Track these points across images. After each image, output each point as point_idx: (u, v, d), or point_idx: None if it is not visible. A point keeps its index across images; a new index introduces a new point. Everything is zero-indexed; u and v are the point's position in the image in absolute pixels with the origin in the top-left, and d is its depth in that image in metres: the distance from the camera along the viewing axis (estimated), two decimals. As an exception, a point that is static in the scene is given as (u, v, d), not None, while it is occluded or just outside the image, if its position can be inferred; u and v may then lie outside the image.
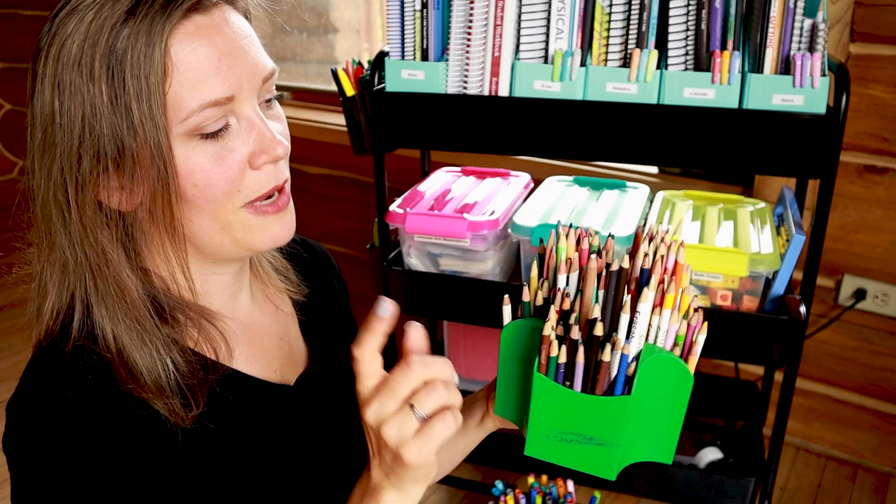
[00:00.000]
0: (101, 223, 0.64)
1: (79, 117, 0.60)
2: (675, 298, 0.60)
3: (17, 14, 3.19)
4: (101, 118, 0.59)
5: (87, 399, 0.63)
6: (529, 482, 1.25)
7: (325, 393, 0.83)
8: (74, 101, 0.59)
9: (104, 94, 0.59)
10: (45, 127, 0.61)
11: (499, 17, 1.17)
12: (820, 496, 1.64)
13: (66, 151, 0.61)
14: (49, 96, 0.60)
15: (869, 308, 1.61)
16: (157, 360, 0.65)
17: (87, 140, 0.60)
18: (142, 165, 0.61)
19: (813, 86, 1.05)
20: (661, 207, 1.35)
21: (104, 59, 0.58)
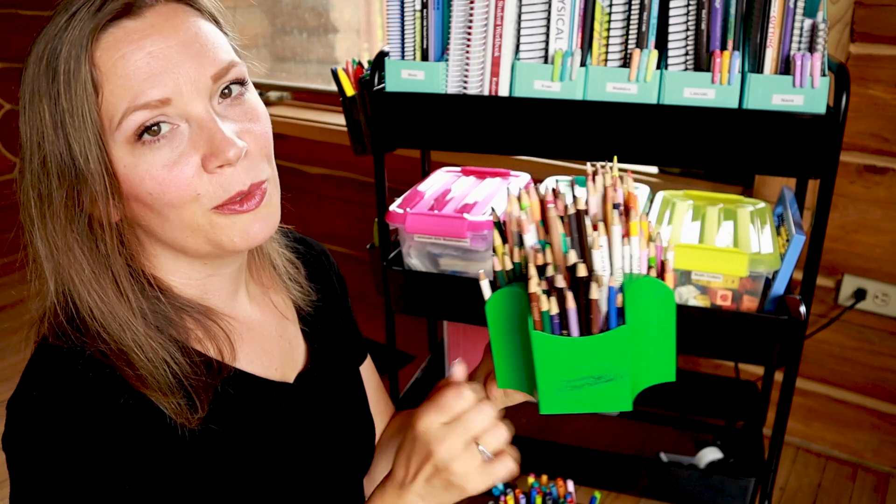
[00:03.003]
0: (94, 234, 0.65)
1: (35, 142, 0.61)
2: (637, 225, 0.62)
3: (17, 14, 3.18)
4: (46, 140, 0.60)
5: (89, 399, 0.63)
6: (529, 482, 1.25)
7: (324, 391, 0.83)
8: (30, 125, 0.61)
9: (46, 114, 0.60)
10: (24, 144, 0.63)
11: (499, 17, 1.17)
12: (820, 496, 1.64)
13: (37, 173, 0.62)
14: (20, 121, 0.62)
15: (869, 308, 1.61)
16: (163, 362, 0.65)
17: (46, 162, 0.61)
18: (94, 181, 0.61)
19: (813, 86, 1.05)
20: (661, 207, 1.35)
21: (46, 76, 0.60)
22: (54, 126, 0.60)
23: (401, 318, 1.49)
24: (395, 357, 1.67)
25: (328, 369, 0.85)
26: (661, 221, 1.29)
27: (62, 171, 0.61)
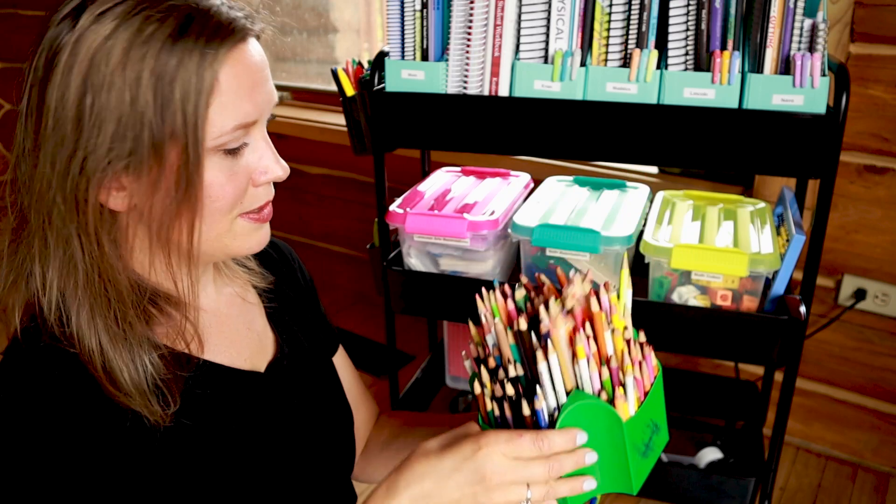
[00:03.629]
0: (101, 220, 0.65)
1: (114, 118, 0.61)
2: (583, 348, 0.64)
3: (17, 14, 3.19)
4: (142, 123, 0.61)
5: (59, 401, 0.63)
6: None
7: (296, 380, 0.84)
8: (110, 102, 0.61)
9: (150, 101, 0.61)
10: (64, 121, 0.61)
11: (499, 17, 1.17)
12: (820, 496, 1.64)
13: (90, 147, 0.61)
14: (76, 93, 0.61)
15: (869, 308, 1.61)
16: (135, 359, 0.66)
17: (118, 140, 0.61)
18: (168, 172, 0.63)
19: (813, 86, 1.05)
20: (661, 207, 1.35)
21: (152, 69, 0.60)
22: (157, 113, 0.61)
23: (401, 318, 1.49)
24: (395, 357, 1.67)
25: (299, 359, 0.85)
26: (661, 221, 1.29)
27: (134, 153, 0.62)
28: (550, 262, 1.26)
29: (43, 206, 0.64)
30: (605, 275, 1.24)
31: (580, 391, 0.65)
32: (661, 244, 1.18)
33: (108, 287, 0.65)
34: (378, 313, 2.36)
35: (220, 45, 0.62)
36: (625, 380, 0.66)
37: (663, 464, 1.38)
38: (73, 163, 0.62)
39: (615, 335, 0.67)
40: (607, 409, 0.65)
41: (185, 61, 0.61)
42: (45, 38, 0.62)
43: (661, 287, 1.21)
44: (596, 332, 0.66)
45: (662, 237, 1.22)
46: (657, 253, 1.17)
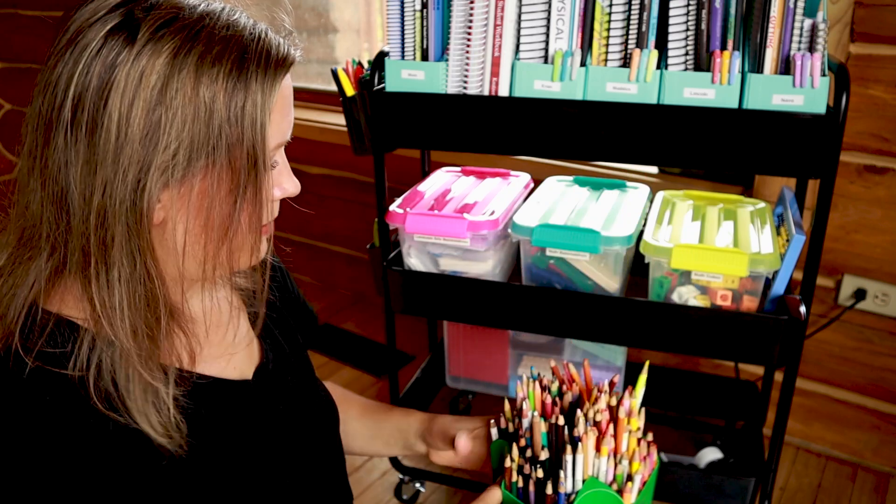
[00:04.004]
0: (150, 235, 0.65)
1: (179, 143, 0.62)
2: (608, 449, 0.77)
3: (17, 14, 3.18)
4: (207, 147, 0.63)
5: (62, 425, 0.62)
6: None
7: (280, 382, 0.83)
8: (177, 128, 0.61)
9: (216, 127, 0.63)
10: (129, 144, 0.61)
11: (499, 17, 1.17)
12: (820, 496, 1.64)
13: (152, 168, 0.62)
14: (141, 119, 0.61)
15: (869, 308, 1.61)
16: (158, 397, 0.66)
17: (180, 162, 0.62)
18: (224, 191, 0.65)
19: (813, 86, 1.05)
20: (661, 207, 1.35)
21: (221, 100, 0.63)
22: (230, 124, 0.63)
23: (401, 318, 1.49)
24: (395, 357, 1.67)
25: (282, 362, 0.85)
26: (660, 221, 1.29)
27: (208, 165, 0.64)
28: (550, 262, 1.26)
29: (99, 216, 0.62)
30: (606, 275, 1.24)
31: (595, 479, 0.77)
32: (661, 244, 1.18)
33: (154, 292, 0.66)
34: (378, 313, 2.36)
35: (277, 68, 0.66)
36: (633, 476, 0.78)
37: (663, 464, 1.38)
38: (140, 171, 0.62)
39: (630, 436, 0.79)
40: (617, 499, 0.76)
41: (252, 81, 0.64)
42: (93, 49, 0.61)
43: (661, 287, 1.21)
44: (617, 434, 0.78)
45: (662, 237, 1.22)
46: (657, 253, 1.17)
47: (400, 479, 1.65)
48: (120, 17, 0.62)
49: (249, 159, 0.65)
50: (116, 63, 0.60)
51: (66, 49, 0.62)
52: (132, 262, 0.64)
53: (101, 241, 0.63)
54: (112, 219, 0.62)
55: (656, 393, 1.69)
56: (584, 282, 1.25)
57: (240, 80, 0.63)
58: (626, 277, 1.31)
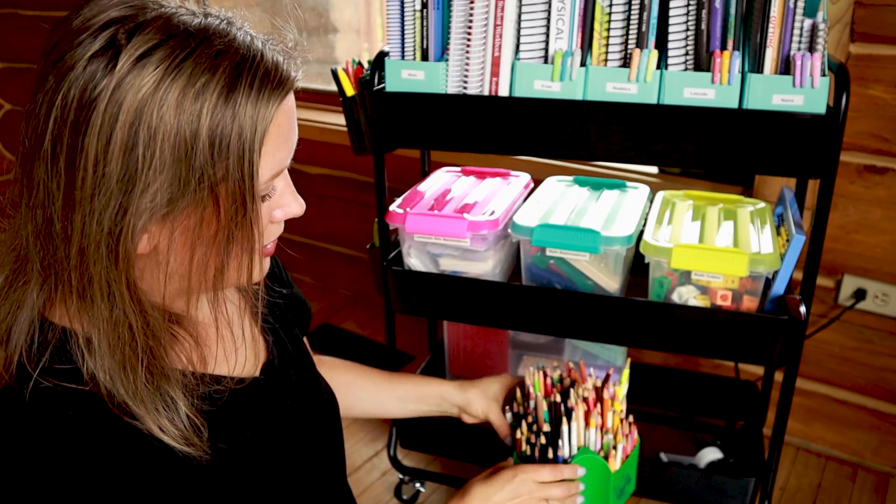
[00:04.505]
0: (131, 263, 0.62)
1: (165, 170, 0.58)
2: (595, 423, 1.00)
3: (17, 14, 3.18)
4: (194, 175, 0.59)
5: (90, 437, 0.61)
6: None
7: (286, 379, 0.83)
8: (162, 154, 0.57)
9: (205, 154, 0.59)
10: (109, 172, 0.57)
11: (499, 17, 1.17)
12: (820, 496, 1.64)
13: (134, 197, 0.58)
14: (122, 144, 0.57)
15: (869, 308, 1.61)
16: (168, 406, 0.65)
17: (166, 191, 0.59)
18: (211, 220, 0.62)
19: (813, 86, 1.05)
20: (661, 207, 1.35)
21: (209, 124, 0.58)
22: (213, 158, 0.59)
23: (401, 318, 1.49)
24: (395, 357, 1.67)
25: (286, 357, 0.85)
26: (660, 221, 1.29)
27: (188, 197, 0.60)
28: (550, 262, 1.26)
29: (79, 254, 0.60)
30: (606, 275, 1.24)
31: (586, 448, 0.99)
32: (661, 244, 1.18)
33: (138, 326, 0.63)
34: (378, 313, 2.36)
35: (269, 97, 0.61)
36: (616, 446, 1.01)
37: (663, 464, 1.38)
38: (117, 213, 0.58)
39: (615, 416, 1.02)
40: (603, 462, 0.99)
41: (240, 115, 0.59)
42: (73, 77, 0.57)
43: (661, 287, 1.21)
44: (603, 412, 1.02)
45: (662, 237, 1.22)
46: (657, 253, 1.17)
47: (400, 480, 1.65)
48: (103, 42, 0.57)
49: (236, 198, 0.61)
50: (94, 96, 0.56)
51: (48, 72, 0.58)
52: (111, 301, 0.61)
53: (80, 278, 0.61)
54: (90, 258, 0.60)
55: (657, 393, 1.69)
56: (584, 282, 1.25)
57: (226, 112, 0.58)
58: (626, 277, 1.31)
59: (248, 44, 0.61)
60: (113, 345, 0.62)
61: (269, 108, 0.61)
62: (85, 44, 0.57)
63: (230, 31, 0.61)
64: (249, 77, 0.60)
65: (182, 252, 0.63)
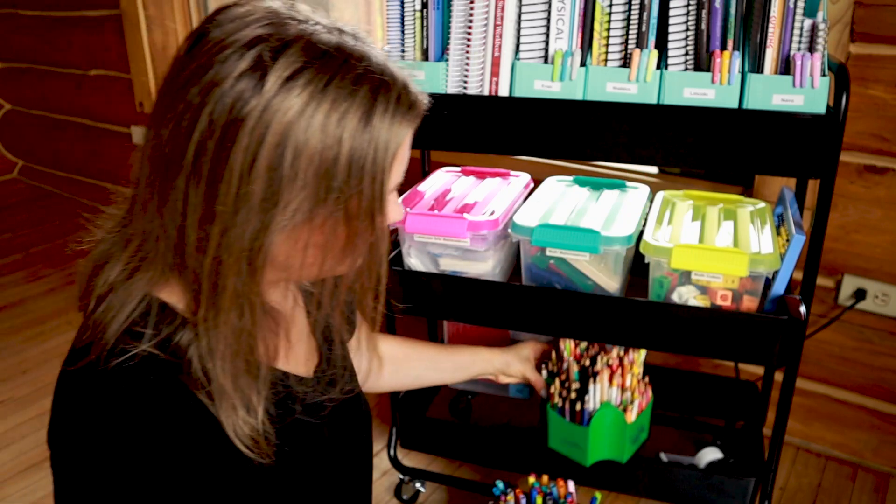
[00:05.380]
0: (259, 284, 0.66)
1: (306, 187, 0.61)
2: (617, 382, 1.25)
3: (17, 14, 3.19)
4: (332, 193, 0.62)
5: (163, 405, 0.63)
6: (530, 482, 1.25)
7: (333, 383, 0.84)
8: (305, 174, 0.60)
9: (343, 174, 0.61)
10: (253, 188, 0.60)
11: (499, 17, 1.17)
12: (820, 496, 1.64)
13: (276, 211, 0.61)
14: (268, 163, 0.59)
15: (869, 308, 1.61)
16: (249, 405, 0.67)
17: (305, 205, 0.62)
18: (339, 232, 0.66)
19: (813, 86, 1.05)
20: (661, 207, 1.35)
21: (349, 148, 0.61)
22: (350, 169, 0.62)
23: (401, 318, 1.49)
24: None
25: (332, 358, 0.85)
26: (660, 221, 1.29)
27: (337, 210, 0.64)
28: (551, 262, 1.26)
29: (214, 264, 0.62)
30: (606, 275, 1.24)
31: (608, 403, 1.23)
32: (661, 244, 1.18)
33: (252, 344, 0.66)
34: (378, 313, 2.35)
35: (402, 122, 0.64)
36: (633, 402, 1.25)
37: (663, 464, 1.38)
38: (258, 229, 0.61)
39: (633, 377, 1.26)
40: (621, 415, 1.24)
41: (376, 138, 0.62)
42: (220, 93, 0.59)
43: (661, 287, 1.21)
44: (623, 374, 1.26)
45: (662, 237, 1.22)
46: (657, 253, 1.17)
47: (400, 479, 1.65)
48: (250, 62, 0.59)
49: (366, 213, 0.64)
50: (243, 115, 0.58)
51: (191, 83, 0.60)
52: (240, 309, 0.64)
53: (212, 286, 0.63)
54: (226, 269, 0.62)
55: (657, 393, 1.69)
56: (584, 282, 1.25)
57: (364, 135, 0.61)
58: (626, 277, 1.31)
59: (381, 67, 0.64)
60: (233, 348, 0.65)
61: (401, 132, 0.64)
62: (232, 61, 0.59)
63: (365, 51, 0.64)
64: (385, 102, 0.63)
65: (302, 258, 0.66)
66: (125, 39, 2.79)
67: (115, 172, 3.21)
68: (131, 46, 2.77)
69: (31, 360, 2.16)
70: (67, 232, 3.09)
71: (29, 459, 1.78)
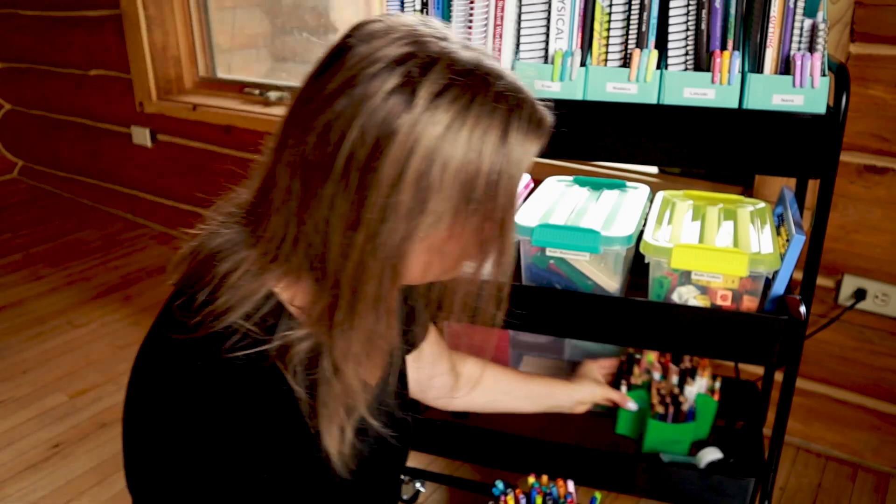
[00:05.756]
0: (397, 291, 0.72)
1: (448, 199, 0.64)
2: (700, 378, 1.35)
3: (17, 14, 3.19)
4: (471, 205, 0.66)
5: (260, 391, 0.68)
6: (530, 482, 1.25)
7: (391, 394, 0.88)
8: (450, 187, 0.64)
9: (482, 188, 0.66)
10: (399, 200, 0.63)
11: (499, 17, 1.17)
12: (820, 496, 1.64)
13: (419, 221, 0.65)
14: (415, 178, 0.63)
15: (869, 308, 1.61)
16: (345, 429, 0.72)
17: (446, 217, 0.66)
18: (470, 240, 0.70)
19: (813, 86, 1.05)
20: (661, 207, 1.35)
21: (489, 166, 0.65)
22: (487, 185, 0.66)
23: (401, 318, 1.48)
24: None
25: (396, 368, 0.88)
26: (660, 221, 1.29)
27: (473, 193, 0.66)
28: (551, 262, 1.26)
29: (356, 269, 0.66)
30: (606, 275, 1.24)
31: (700, 393, 1.37)
32: (661, 244, 1.18)
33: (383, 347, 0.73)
34: (378, 313, 2.36)
35: (534, 139, 0.68)
36: (714, 386, 1.39)
37: (663, 464, 1.38)
38: (403, 238, 0.65)
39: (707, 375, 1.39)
40: (709, 399, 1.37)
41: (511, 155, 0.66)
42: (371, 107, 0.62)
43: (661, 287, 1.21)
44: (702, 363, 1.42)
45: (662, 237, 1.22)
46: (657, 253, 1.17)
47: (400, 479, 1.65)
48: (400, 79, 0.62)
49: (499, 223, 0.69)
50: (394, 129, 0.61)
51: (339, 94, 0.63)
52: (377, 315, 0.67)
53: (352, 291, 0.66)
54: (368, 275, 0.65)
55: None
56: (584, 282, 1.25)
57: (502, 151, 0.65)
58: (626, 277, 1.31)
59: (515, 85, 0.67)
60: (366, 350, 0.69)
61: (532, 149, 0.68)
62: (381, 77, 0.62)
63: (499, 68, 0.67)
64: (519, 120, 0.66)
65: (437, 263, 0.71)
66: (125, 39, 2.79)
67: (115, 172, 3.22)
68: (131, 46, 2.77)
69: (31, 360, 2.16)
70: (67, 232, 3.09)
71: (29, 459, 1.78)
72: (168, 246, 2.95)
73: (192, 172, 2.85)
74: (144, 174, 3.08)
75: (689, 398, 1.32)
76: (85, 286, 2.62)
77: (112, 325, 2.36)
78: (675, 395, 1.33)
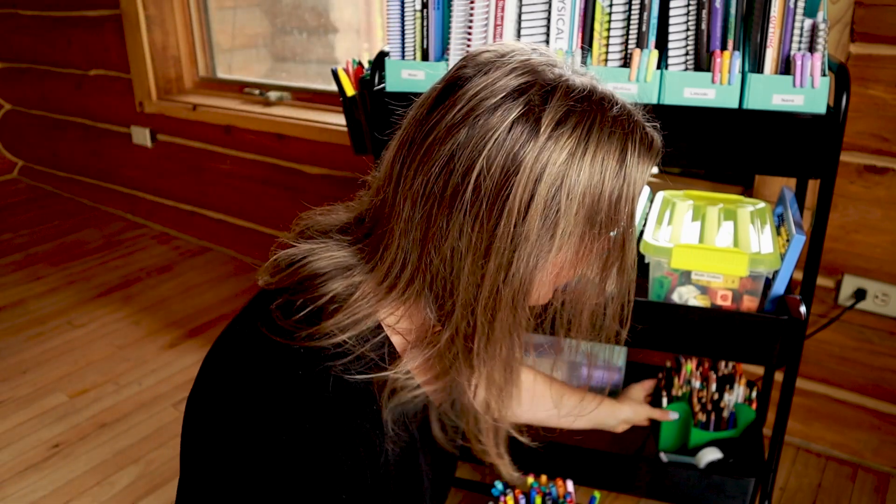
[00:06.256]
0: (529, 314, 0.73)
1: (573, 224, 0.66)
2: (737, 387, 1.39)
3: (17, 14, 3.19)
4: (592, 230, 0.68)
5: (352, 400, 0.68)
6: (529, 482, 1.25)
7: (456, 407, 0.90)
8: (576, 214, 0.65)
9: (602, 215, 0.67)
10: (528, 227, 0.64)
11: (499, 17, 1.17)
12: (820, 496, 1.64)
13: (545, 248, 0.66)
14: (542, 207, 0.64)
15: (869, 308, 1.61)
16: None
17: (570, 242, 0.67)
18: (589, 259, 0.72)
19: (813, 86, 1.05)
20: (662, 207, 1.35)
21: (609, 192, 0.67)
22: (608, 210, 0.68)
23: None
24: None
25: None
26: (660, 221, 1.29)
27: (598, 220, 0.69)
28: (550, 262, 1.26)
29: (490, 297, 0.67)
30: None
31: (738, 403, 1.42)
32: (661, 244, 1.18)
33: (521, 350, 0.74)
34: (378, 313, 2.35)
35: (648, 162, 0.70)
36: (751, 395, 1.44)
37: (663, 464, 1.38)
38: (535, 265, 0.66)
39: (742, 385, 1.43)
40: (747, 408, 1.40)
41: (629, 178, 0.67)
42: (496, 138, 0.63)
43: (661, 287, 1.21)
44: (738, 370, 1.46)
45: (662, 237, 1.22)
46: (657, 253, 1.17)
47: (400, 479, 1.65)
48: (522, 108, 0.64)
49: (618, 244, 0.71)
50: (520, 159, 0.63)
51: (461, 125, 0.64)
52: (511, 342, 0.69)
53: (488, 321, 0.67)
54: (501, 304, 0.66)
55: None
56: (584, 282, 1.25)
57: (620, 175, 0.66)
58: (626, 277, 1.31)
59: (628, 108, 0.69)
60: (505, 378, 0.71)
61: (646, 170, 0.70)
62: (504, 108, 0.64)
63: (611, 93, 0.70)
64: (633, 143, 0.68)
65: (554, 285, 0.73)
66: (125, 39, 2.79)
67: (115, 172, 3.22)
68: (131, 46, 2.77)
69: (31, 360, 2.16)
70: (67, 232, 3.09)
71: (29, 459, 1.78)
72: (168, 246, 2.95)
73: (191, 172, 2.85)
74: (144, 174, 3.08)
75: (728, 405, 1.38)
76: (85, 286, 2.62)
77: (112, 325, 2.36)
78: (716, 400, 1.38)
